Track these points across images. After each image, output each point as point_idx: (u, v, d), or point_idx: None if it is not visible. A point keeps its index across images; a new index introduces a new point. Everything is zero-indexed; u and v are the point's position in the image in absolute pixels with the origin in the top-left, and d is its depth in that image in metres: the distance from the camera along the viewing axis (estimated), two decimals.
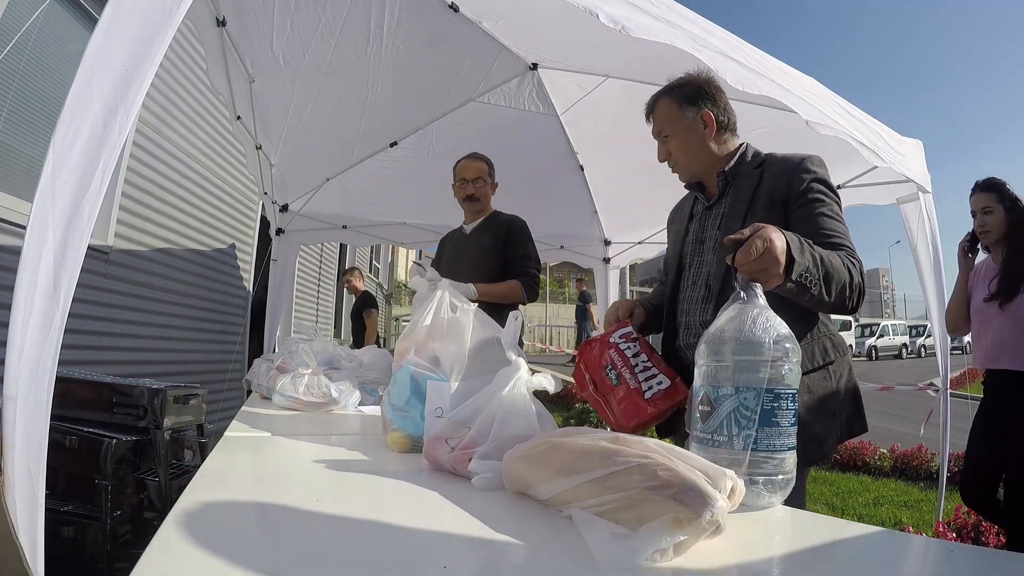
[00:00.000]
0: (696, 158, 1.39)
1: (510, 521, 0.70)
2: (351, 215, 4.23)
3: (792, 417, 0.81)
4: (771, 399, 0.79)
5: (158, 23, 0.87)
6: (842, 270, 1.11)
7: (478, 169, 2.45)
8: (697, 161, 1.39)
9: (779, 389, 0.80)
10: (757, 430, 0.78)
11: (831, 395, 1.27)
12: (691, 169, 1.42)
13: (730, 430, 0.80)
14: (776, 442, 0.79)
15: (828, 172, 1.30)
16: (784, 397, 0.80)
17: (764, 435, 0.79)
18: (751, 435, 0.78)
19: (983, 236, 2.28)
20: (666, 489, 0.59)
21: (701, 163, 1.40)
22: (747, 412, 0.79)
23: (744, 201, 1.31)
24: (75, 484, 1.79)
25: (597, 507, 0.63)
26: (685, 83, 1.40)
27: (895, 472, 4.66)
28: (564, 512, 0.69)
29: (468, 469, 0.85)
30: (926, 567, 0.69)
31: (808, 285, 1.02)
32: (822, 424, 1.24)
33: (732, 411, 0.80)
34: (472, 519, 0.70)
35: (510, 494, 0.79)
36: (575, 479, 0.67)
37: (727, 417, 0.80)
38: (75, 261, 0.77)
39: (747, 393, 0.79)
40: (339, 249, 9.24)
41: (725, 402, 0.80)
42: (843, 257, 1.14)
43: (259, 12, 2.29)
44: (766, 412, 0.79)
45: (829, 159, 1.34)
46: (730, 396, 0.80)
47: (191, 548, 0.58)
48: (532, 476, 0.75)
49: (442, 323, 1.16)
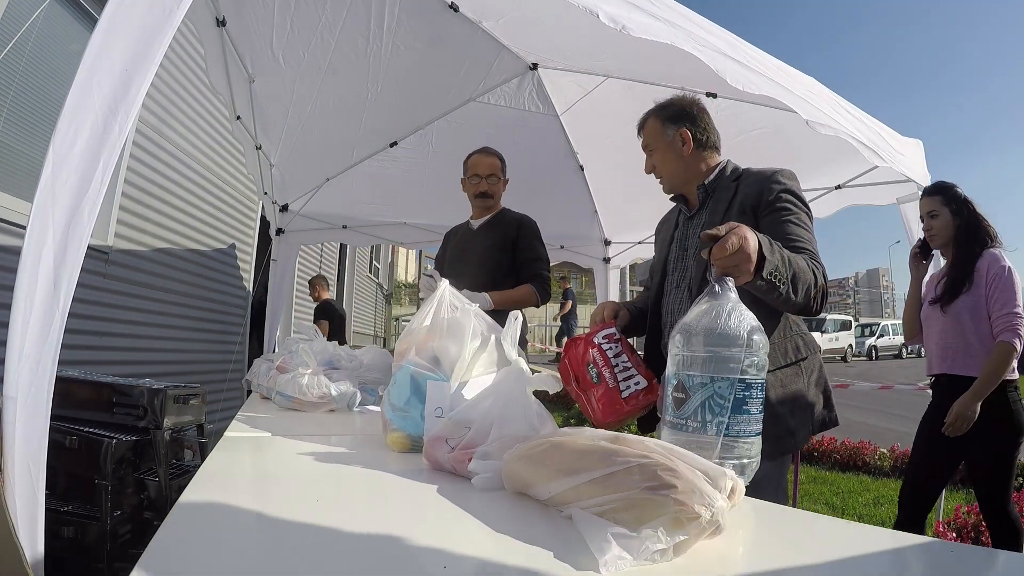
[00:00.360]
0: (673, 170, 1.52)
1: (510, 521, 0.70)
2: (351, 215, 4.23)
3: (760, 405, 0.86)
4: (743, 388, 0.83)
5: (158, 23, 0.87)
6: (807, 271, 1.19)
7: (492, 165, 2.39)
8: (674, 173, 1.52)
9: (750, 379, 0.84)
10: (729, 417, 0.83)
11: (803, 390, 1.38)
12: (671, 181, 1.54)
13: (704, 416, 0.84)
14: (746, 428, 0.84)
15: (799, 185, 1.41)
16: (754, 387, 0.84)
17: (735, 422, 0.83)
18: (724, 421, 0.83)
19: (930, 240, 2.22)
20: (666, 489, 0.59)
21: (678, 175, 1.52)
22: (720, 400, 0.83)
23: (721, 212, 1.43)
24: (75, 484, 1.79)
25: (597, 507, 0.63)
26: (670, 104, 1.53)
27: (895, 472, 4.65)
28: (564, 512, 0.69)
29: (468, 469, 0.85)
30: (926, 567, 0.69)
31: (777, 283, 1.08)
32: (796, 417, 1.36)
33: (707, 399, 0.84)
34: (472, 519, 0.70)
35: (510, 494, 0.79)
36: (575, 479, 0.67)
37: (701, 404, 0.84)
38: (75, 261, 0.77)
39: (722, 382, 0.83)
40: (339, 249, 9.23)
41: (699, 390, 0.84)
42: (807, 260, 1.22)
43: (259, 12, 2.29)
44: (738, 400, 0.83)
45: (829, 159, 1.36)
46: (704, 385, 0.84)
47: (191, 548, 0.58)
48: (532, 476, 0.75)
49: (442, 323, 1.15)
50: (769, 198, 1.36)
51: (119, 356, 3.43)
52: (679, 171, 1.51)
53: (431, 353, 1.14)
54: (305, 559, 0.56)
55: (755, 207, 1.38)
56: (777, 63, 1.78)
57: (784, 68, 1.79)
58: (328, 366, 1.73)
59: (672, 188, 1.56)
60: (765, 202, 1.36)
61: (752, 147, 2.56)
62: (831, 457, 4.93)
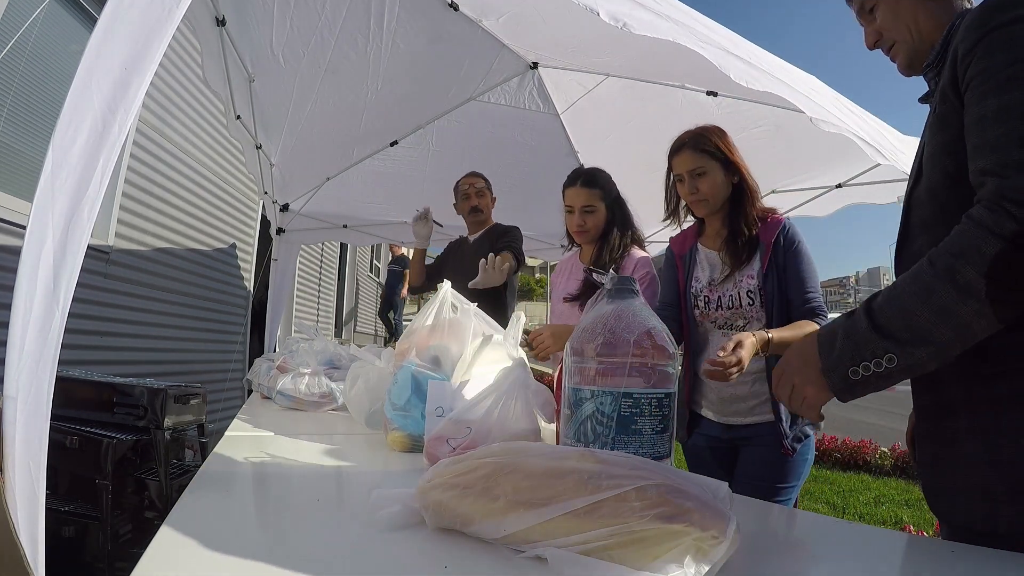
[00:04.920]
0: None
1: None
2: (351, 214, 4.23)
3: (659, 424, 0.74)
4: (629, 404, 0.72)
5: (158, 22, 0.87)
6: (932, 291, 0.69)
7: (477, 183, 2.60)
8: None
9: (639, 394, 0.72)
10: (613, 438, 0.72)
11: None
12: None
13: (587, 437, 0.74)
14: (638, 452, 0.72)
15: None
16: (645, 403, 0.72)
17: (622, 444, 0.72)
18: (607, 444, 0.72)
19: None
20: (683, 516, 0.50)
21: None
22: (603, 418, 0.73)
23: None
24: (76, 484, 1.79)
25: (581, 544, 0.51)
26: None
27: (896, 471, 4.66)
28: (529, 553, 0.55)
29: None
30: (927, 567, 0.68)
31: (879, 370, 0.72)
32: None
33: (589, 416, 0.74)
34: None
35: (432, 532, 0.63)
36: (545, 512, 0.53)
37: (584, 423, 0.74)
38: (75, 261, 0.77)
39: (604, 397, 0.73)
40: (339, 249, 9.23)
41: (583, 406, 0.74)
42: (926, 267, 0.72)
43: (258, 11, 2.29)
44: (623, 419, 0.72)
45: (830, 157, 1.35)
46: (587, 399, 0.74)
47: (192, 548, 0.58)
48: (472, 510, 0.59)
49: (442, 323, 1.16)
50: None
51: (119, 356, 3.43)
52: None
53: (431, 353, 1.14)
54: (305, 559, 0.56)
55: None
56: (779, 61, 1.78)
57: (785, 66, 1.79)
58: (329, 366, 1.73)
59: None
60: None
61: (753, 145, 2.55)
62: (832, 456, 4.93)
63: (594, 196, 1.95)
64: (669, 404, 0.75)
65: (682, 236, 1.69)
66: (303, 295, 7.02)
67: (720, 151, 1.51)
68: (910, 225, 0.89)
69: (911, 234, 0.88)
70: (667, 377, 0.75)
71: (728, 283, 1.52)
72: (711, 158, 1.51)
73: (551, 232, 4.25)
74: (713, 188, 1.52)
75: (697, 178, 1.52)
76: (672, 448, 0.77)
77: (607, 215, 1.94)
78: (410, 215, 2.75)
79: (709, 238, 1.61)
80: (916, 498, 3.93)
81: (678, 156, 1.55)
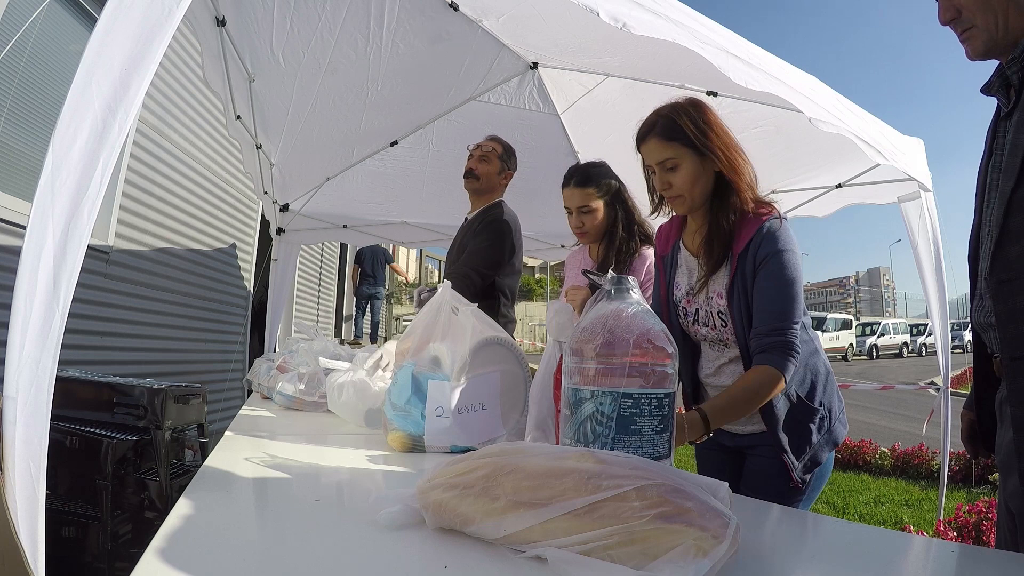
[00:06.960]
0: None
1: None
2: (351, 214, 4.23)
3: (659, 424, 0.74)
4: (629, 405, 0.72)
5: (158, 23, 0.87)
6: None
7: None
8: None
9: (639, 394, 0.72)
10: (613, 438, 0.72)
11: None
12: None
13: (586, 437, 0.74)
14: (637, 453, 0.72)
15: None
16: (644, 403, 0.73)
17: (622, 444, 0.72)
18: (607, 445, 0.72)
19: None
20: (683, 515, 0.51)
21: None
22: (602, 419, 0.72)
23: None
24: (76, 484, 1.79)
25: (581, 544, 0.51)
26: None
27: (896, 471, 4.66)
28: (529, 553, 0.55)
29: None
30: (927, 567, 0.68)
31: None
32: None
33: (589, 416, 0.74)
34: None
35: (433, 532, 0.63)
36: (545, 512, 0.54)
37: (583, 423, 0.74)
38: (75, 261, 0.77)
39: (603, 397, 0.73)
40: (340, 249, 9.24)
41: (583, 406, 0.74)
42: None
43: (258, 11, 2.29)
44: (623, 419, 0.72)
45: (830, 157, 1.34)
46: (587, 400, 0.74)
47: (192, 548, 0.58)
48: (472, 510, 0.59)
49: (442, 323, 1.16)
50: None
51: (119, 356, 3.43)
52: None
53: (431, 353, 1.14)
54: (305, 559, 0.56)
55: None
56: (779, 61, 1.78)
57: (785, 67, 1.79)
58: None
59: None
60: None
61: (752, 145, 2.54)
62: None
63: (589, 196, 1.86)
64: (669, 404, 0.75)
65: (667, 228, 1.48)
66: (303, 295, 7.03)
67: (695, 136, 1.22)
68: (1008, 229, 0.84)
69: (1010, 239, 0.84)
70: (666, 377, 0.75)
71: (701, 295, 1.31)
72: (683, 146, 1.23)
73: (551, 232, 4.25)
74: (689, 182, 1.24)
75: (669, 172, 1.25)
76: (672, 448, 0.77)
77: (607, 213, 1.87)
78: (410, 215, 2.71)
79: (690, 235, 1.38)
80: (916, 498, 3.93)
81: (644, 145, 1.28)
